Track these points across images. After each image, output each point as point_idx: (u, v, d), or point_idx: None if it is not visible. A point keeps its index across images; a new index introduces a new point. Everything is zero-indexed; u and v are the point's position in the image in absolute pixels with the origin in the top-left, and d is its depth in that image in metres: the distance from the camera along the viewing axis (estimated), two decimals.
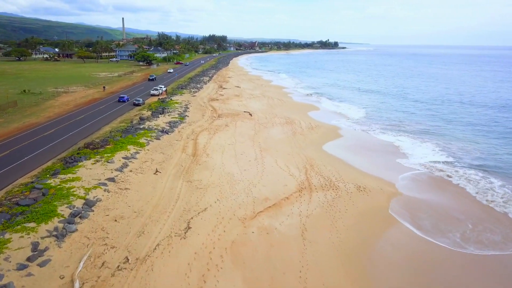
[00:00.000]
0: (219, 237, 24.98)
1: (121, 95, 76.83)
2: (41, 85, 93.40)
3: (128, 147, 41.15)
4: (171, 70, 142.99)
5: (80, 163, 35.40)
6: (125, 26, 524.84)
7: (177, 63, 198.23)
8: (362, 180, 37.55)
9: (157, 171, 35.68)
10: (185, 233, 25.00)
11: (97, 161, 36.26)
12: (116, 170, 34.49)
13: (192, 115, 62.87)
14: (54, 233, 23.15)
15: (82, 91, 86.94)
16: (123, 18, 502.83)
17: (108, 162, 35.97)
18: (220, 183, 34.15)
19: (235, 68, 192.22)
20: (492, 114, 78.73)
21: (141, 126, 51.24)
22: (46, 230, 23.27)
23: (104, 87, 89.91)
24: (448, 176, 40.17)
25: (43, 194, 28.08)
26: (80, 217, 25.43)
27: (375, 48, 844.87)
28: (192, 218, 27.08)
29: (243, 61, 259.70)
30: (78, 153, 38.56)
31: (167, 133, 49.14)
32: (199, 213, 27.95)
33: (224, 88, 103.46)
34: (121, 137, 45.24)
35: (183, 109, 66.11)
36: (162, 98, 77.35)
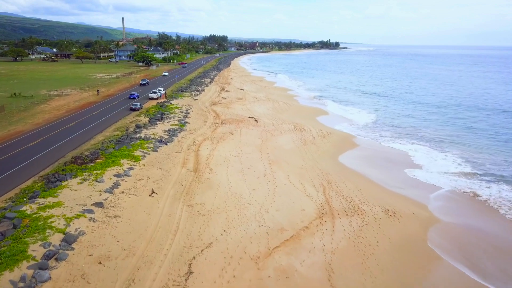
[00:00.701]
0: (228, 286, 20.12)
1: (132, 92, 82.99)
2: (34, 88, 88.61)
3: (121, 161, 36.29)
4: (166, 74, 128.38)
5: (64, 183, 30.57)
6: (125, 26, 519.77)
7: (181, 63, 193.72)
8: (388, 200, 32.69)
9: (153, 192, 30.83)
10: (185, 280, 20.14)
11: (85, 179, 31.41)
12: (106, 191, 29.64)
13: (193, 122, 57.99)
14: (20, 285, 18.30)
15: (77, 94, 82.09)
16: (123, 18, 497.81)
17: (96, 181, 31.12)
18: (226, 207, 29.28)
19: (237, 69, 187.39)
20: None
21: (137, 135, 46.39)
22: (9, 281, 18.42)
23: (98, 90, 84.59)
24: (484, 197, 35.23)
25: (14, 227, 23.25)
26: (56, 259, 20.59)
27: (376, 49, 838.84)
28: (194, 258, 22.21)
29: (244, 62, 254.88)
30: (63, 170, 33.71)
31: (166, 144, 44.27)
32: (202, 250, 23.09)
33: (226, 91, 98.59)
34: (114, 149, 40.38)
35: (184, 114, 61.22)
36: (161, 102, 72.52)
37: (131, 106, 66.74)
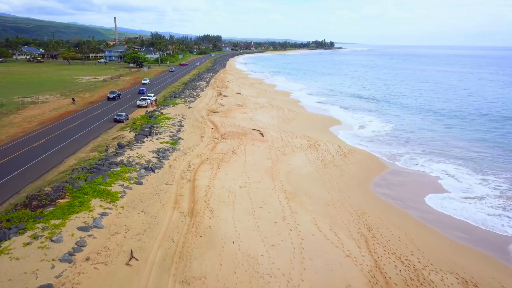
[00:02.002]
0: None
1: (141, 88, 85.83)
2: (9, 93, 78.83)
3: (92, 203, 27.06)
4: (147, 81, 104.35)
5: (4, 244, 21.34)
6: (120, 26, 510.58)
7: (183, 64, 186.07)
8: (458, 260, 23.84)
9: (131, 257, 21.64)
10: None
11: (35, 237, 22.19)
12: (63, 259, 20.44)
13: (187, 137, 48.77)
14: None
15: (55, 101, 72.46)
16: (115, 18, 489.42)
17: (52, 241, 21.90)
18: (237, 284, 20.16)
19: (233, 70, 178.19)
20: None
21: (118, 159, 37.12)
22: None
23: (73, 99, 73.10)
24: None
25: None
26: None
27: (371, 49, 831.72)
28: None
29: (240, 62, 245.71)
30: (8, 220, 24.38)
31: (153, 171, 35.03)
32: None
33: (224, 96, 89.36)
34: (85, 180, 31.12)
35: (176, 127, 51.95)
36: (150, 111, 63.20)
37: (115, 117, 57.31)
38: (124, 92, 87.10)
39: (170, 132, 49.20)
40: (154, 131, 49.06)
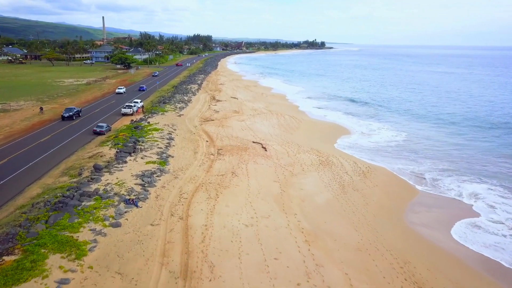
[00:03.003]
0: None
1: (141, 85, 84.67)
2: None
3: (49, 263, 19.86)
4: (122, 90, 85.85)
5: None
6: (109, 26, 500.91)
7: (178, 64, 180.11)
8: None
9: None
10: None
11: None
12: None
13: (179, 154, 41.61)
14: None
15: (29, 109, 64.61)
16: (103, 17, 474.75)
17: None
18: None
19: (225, 71, 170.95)
20: None
21: (93, 188, 29.88)
22: None
23: (41, 108, 62.83)
24: None
25: None
26: None
27: (361, 49, 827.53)
28: None
29: (232, 63, 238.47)
30: None
31: (136, 205, 27.86)
32: None
33: (218, 101, 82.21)
34: (46, 223, 23.88)
35: (166, 142, 44.76)
36: (136, 120, 55.91)
37: (94, 128, 49.86)
38: (109, 97, 79.45)
39: (158, 148, 41.95)
40: (140, 146, 41.78)
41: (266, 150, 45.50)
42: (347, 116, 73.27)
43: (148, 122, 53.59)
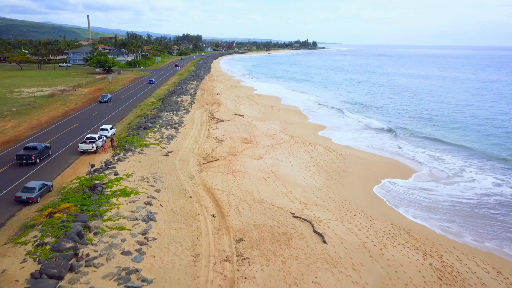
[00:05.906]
0: None
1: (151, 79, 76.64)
2: None
3: None
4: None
5: None
6: (97, 26, 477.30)
7: (176, 66, 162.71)
8: None
9: None
10: None
11: None
12: None
13: (161, 269, 21.10)
14: None
15: None
16: (88, 16, 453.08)
17: None
18: None
19: (220, 75, 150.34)
20: None
21: None
22: None
23: None
24: None
25: None
26: None
27: (352, 49, 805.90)
28: None
29: (226, 65, 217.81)
30: None
31: None
32: None
33: (219, 121, 61.77)
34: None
35: (140, 228, 24.24)
36: (100, 165, 35.20)
37: (18, 194, 28.78)
38: (72, 116, 58.47)
39: (123, 254, 21.30)
40: (84, 251, 21.16)
41: (323, 240, 25.13)
42: (409, 144, 53.22)
43: (116, 174, 32.89)
